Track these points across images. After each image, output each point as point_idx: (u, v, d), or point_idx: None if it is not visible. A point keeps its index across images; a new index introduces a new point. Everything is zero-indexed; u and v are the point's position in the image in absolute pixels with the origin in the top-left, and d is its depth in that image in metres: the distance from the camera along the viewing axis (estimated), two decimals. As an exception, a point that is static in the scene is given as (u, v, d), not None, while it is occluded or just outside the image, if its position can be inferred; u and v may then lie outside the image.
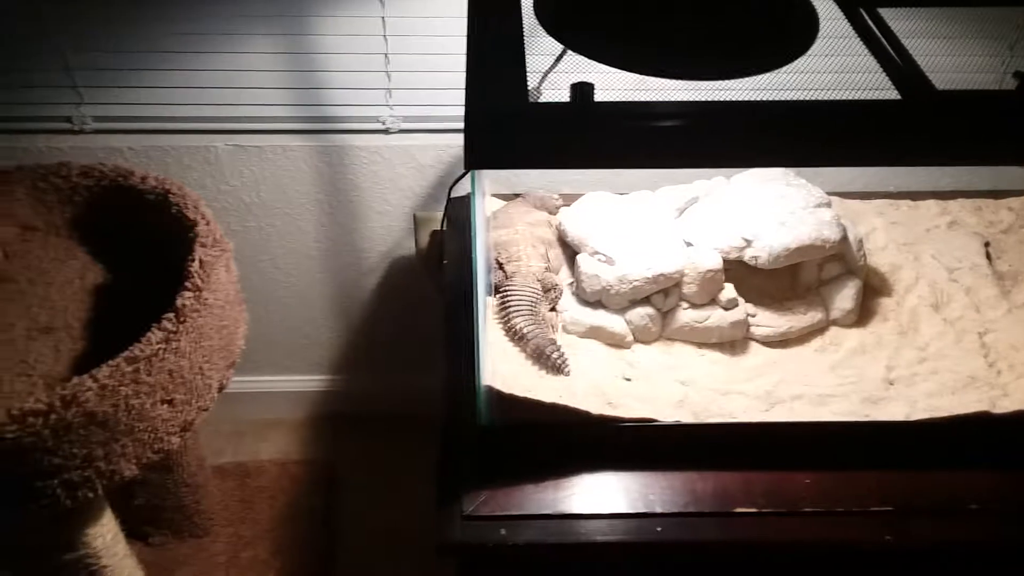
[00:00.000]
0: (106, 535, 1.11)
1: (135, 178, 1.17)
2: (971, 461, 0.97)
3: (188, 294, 1.00)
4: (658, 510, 0.93)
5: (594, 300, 1.10)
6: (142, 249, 1.18)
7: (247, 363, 1.63)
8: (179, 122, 1.38)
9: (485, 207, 1.12)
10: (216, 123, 1.39)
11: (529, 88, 0.78)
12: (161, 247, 1.13)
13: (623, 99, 0.78)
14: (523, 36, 0.85)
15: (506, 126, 0.74)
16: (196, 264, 1.03)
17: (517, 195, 1.28)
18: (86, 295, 1.14)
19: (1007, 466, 0.97)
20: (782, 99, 0.78)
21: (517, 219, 1.18)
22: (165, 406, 0.98)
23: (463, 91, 0.78)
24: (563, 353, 1.02)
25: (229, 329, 1.08)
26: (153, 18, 1.28)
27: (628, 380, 1.03)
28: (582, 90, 0.74)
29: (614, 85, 0.80)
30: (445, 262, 1.24)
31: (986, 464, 0.97)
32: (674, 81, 0.81)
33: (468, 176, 0.90)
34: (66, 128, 1.38)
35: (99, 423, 0.91)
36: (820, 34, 0.89)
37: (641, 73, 0.82)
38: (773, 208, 1.12)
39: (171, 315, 0.98)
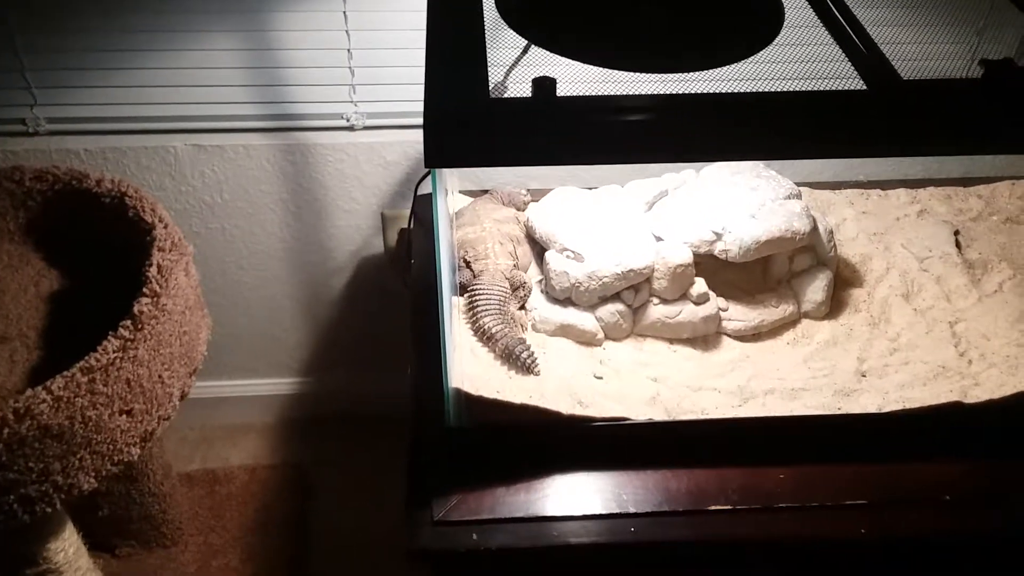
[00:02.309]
0: (68, 549, 1.09)
1: (90, 181, 1.14)
2: (944, 452, 0.97)
3: (145, 300, 0.97)
4: (632, 510, 0.92)
5: (563, 297, 1.08)
6: (99, 254, 1.15)
7: (214, 367, 1.61)
8: (137, 122, 1.35)
9: (448, 206, 1.10)
10: (175, 122, 1.36)
11: (493, 84, 0.76)
12: (119, 252, 1.10)
13: (587, 93, 0.76)
14: (484, 30, 0.83)
15: (466, 123, 0.72)
16: (154, 269, 1.01)
17: (484, 191, 1.26)
18: (42, 303, 1.11)
19: (980, 456, 0.97)
20: (747, 90, 0.77)
21: (484, 216, 1.16)
22: (124, 417, 0.95)
23: (426, 87, 0.75)
24: (533, 352, 1.00)
25: (190, 335, 1.06)
26: (109, 16, 1.25)
27: (599, 378, 1.01)
28: (543, 85, 0.72)
29: (579, 79, 0.78)
30: (413, 261, 1.22)
31: (959, 454, 0.97)
32: (639, 74, 0.80)
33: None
34: (20, 130, 1.35)
35: (54, 436, 0.88)
36: (785, 24, 0.88)
37: (606, 66, 0.80)
38: (743, 201, 1.11)
39: (128, 323, 0.95)
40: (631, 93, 0.76)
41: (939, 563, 0.99)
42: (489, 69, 0.77)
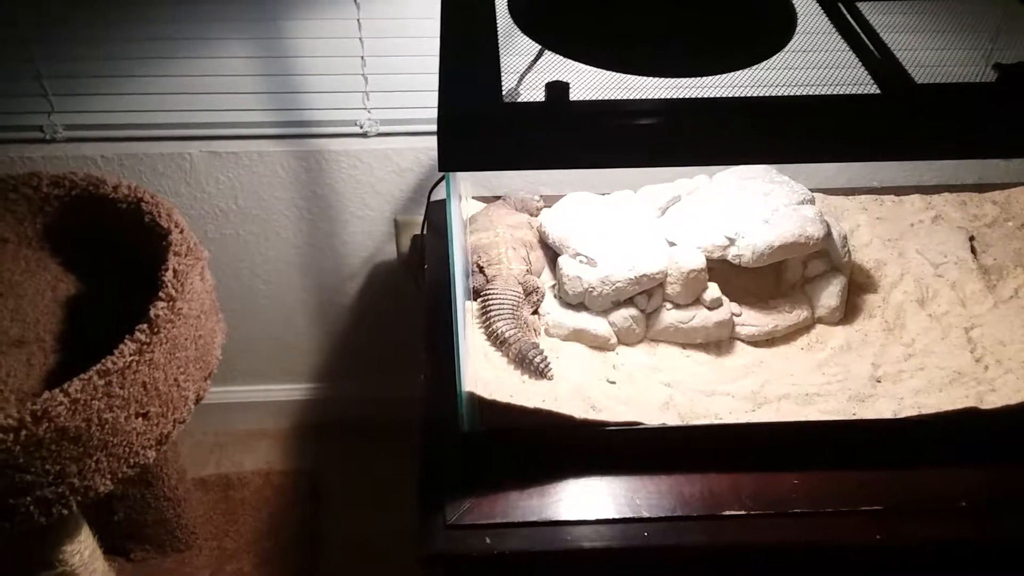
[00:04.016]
0: (83, 552, 1.09)
1: (107, 187, 1.15)
2: (960, 458, 0.97)
3: (162, 304, 0.98)
4: (645, 515, 0.92)
5: (577, 302, 1.08)
6: (116, 259, 1.16)
7: (228, 373, 1.61)
8: (152, 129, 1.36)
9: (462, 210, 1.11)
10: (190, 129, 1.37)
11: (506, 89, 0.76)
12: (135, 257, 1.11)
13: (600, 98, 0.77)
14: (497, 36, 0.84)
15: (479, 127, 0.72)
16: (170, 273, 1.02)
17: (498, 197, 1.27)
18: (59, 307, 1.12)
19: (996, 461, 0.97)
20: (760, 95, 0.77)
21: (497, 221, 1.16)
22: (140, 419, 0.96)
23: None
24: (546, 357, 1.00)
25: (205, 339, 1.06)
26: (125, 24, 1.26)
27: (612, 383, 1.01)
28: (557, 89, 0.72)
29: (592, 84, 0.78)
30: (426, 266, 1.22)
31: (975, 460, 0.96)
32: (652, 79, 0.80)
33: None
34: (37, 137, 1.36)
35: (71, 438, 0.89)
36: (798, 30, 0.88)
37: (619, 71, 0.80)
38: (756, 206, 1.11)
39: (144, 326, 0.96)
40: (642, 97, 0.76)
41: (954, 570, 0.98)
42: (502, 74, 0.78)
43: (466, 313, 1.05)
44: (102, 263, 1.17)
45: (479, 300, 1.07)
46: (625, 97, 0.77)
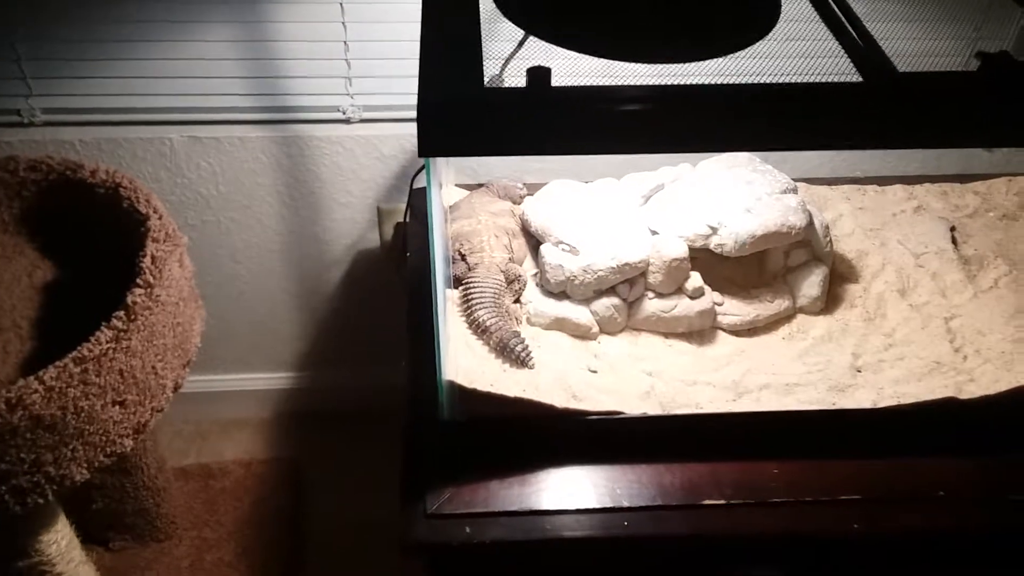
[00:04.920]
0: (60, 541, 1.08)
1: (85, 171, 1.14)
2: (939, 448, 0.97)
3: (139, 291, 0.97)
4: (625, 504, 0.92)
5: (558, 291, 1.08)
6: (93, 245, 1.15)
7: (208, 362, 1.60)
8: (132, 113, 1.35)
9: (442, 197, 1.10)
10: (171, 114, 1.35)
11: (489, 75, 0.75)
12: (113, 242, 1.10)
13: (583, 84, 0.76)
14: (479, 21, 0.83)
15: (459, 112, 0.71)
16: (148, 260, 1.00)
17: (480, 185, 1.26)
18: (35, 293, 1.11)
19: (974, 452, 0.97)
20: (743, 83, 0.76)
21: (480, 209, 1.16)
22: (116, 408, 0.95)
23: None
24: (527, 346, 1.00)
25: (183, 327, 1.05)
26: (104, 6, 1.24)
27: (594, 372, 1.01)
28: (538, 75, 0.71)
29: (576, 70, 0.78)
30: (408, 254, 1.21)
31: (953, 450, 0.97)
32: (636, 65, 0.79)
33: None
34: (15, 121, 1.34)
35: (46, 426, 0.88)
36: (782, 17, 0.88)
37: (602, 57, 0.80)
38: (739, 195, 1.11)
39: (121, 313, 0.95)
40: (625, 84, 0.76)
41: (932, 559, 0.99)
42: (485, 60, 0.77)
43: (447, 301, 1.04)
44: (80, 249, 1.16)
45: (461, 288, 1.07)
46: (607, 83, 0.76)
